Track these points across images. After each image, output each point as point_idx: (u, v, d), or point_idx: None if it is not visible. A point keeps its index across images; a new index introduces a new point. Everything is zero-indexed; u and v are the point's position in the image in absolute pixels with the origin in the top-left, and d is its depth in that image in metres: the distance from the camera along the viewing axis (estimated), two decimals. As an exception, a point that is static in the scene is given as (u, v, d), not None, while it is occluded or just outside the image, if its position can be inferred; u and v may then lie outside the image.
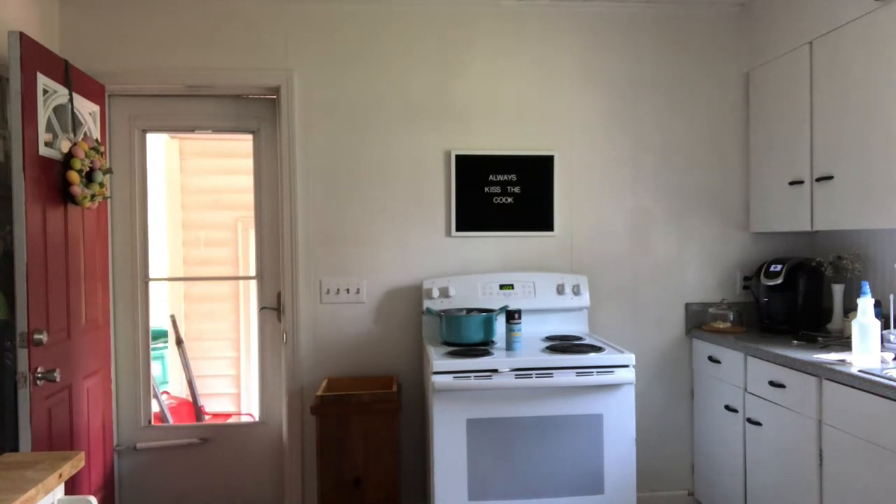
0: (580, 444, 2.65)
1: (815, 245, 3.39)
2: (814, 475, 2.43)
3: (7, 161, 2.47)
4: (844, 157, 2.68)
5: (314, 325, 3.23)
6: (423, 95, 3.26)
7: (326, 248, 3.23)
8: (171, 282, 5.06)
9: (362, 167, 3.24)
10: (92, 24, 3.11)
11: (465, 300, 3.13)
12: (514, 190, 3.29)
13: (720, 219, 3.42)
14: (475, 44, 3.28)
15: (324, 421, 2.83)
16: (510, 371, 2.60)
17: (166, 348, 5.01)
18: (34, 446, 2.35)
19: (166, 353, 5.07)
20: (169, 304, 4.89)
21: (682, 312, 3.41)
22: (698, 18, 3.39)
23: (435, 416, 2.61)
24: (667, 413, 3.40)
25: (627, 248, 3.38)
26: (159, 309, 4.49)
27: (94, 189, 2.74)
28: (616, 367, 2.64)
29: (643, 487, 3.26)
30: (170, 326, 4.50)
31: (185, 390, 4.40)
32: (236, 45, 3.18)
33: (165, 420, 3.98)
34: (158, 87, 3.20)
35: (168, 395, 4.55)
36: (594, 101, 3.34)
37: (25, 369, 2.32)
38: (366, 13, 3.23)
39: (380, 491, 2.84)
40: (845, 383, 2.26)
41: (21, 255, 2.33)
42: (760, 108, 3.29)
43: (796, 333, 2.96)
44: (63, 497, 1.53)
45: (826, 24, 2.76)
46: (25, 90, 2.37)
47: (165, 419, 3.98)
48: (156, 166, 4.69)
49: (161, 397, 4.07)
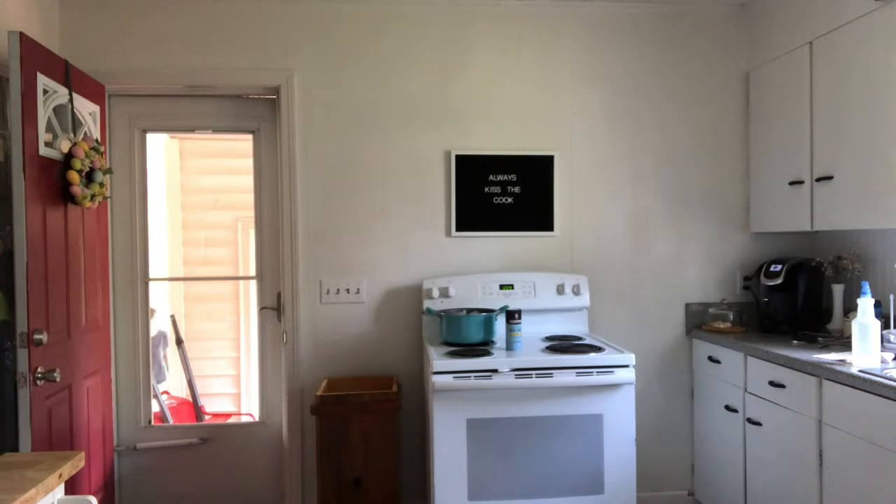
0: (580, 444, 2.65)
1: (815, 245, 3.39)
2: (814, 475, 2.43)
3: (7, 161, 2.47)
4: (844, 157, 2.68)
5: (314, 325, 3.23)
6: (423, 95, 3.26)
7: (326, 248, 3.23)
8: (171, 282, 5.06)
9: (362, 167, 3.24)
10: (92, 24, 3.11)
11: (465, 300, 3.13)
12: (514, 190, 3.29)
13: (720, 219, 3.42)
14: (475, 44, 3.28)
15: (324, 421, 2.83)
16: (510, 371, 2.60)
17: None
18: (34, 446, 2.35)
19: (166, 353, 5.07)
20: (169, 304, 4.89)
21: (682, 312, 3.41)
22: (698, 18, 3.39)
23: (435, 416, 2.61)
24: (667, 413, 3.40)
25: (627, 248, 3.38)
26: (159, 309, 4.48)
27: (94, 189, 2.74)
28: (616, 367, 2.64)
29: (643, 487, 3.26)
30: (170, 326, 4.50)
31: (186, 390, 4.40)
32: (236, 45, 3.18)
33: (165, 420, 3.98)
34: (158, 87, 3.20)
35: (168, 395, 4.55)
36: (594, 100, 3.35)
37: (25, 369, 2.32)
38: (366, 13, 3.23)
39: (380, 491, 2.84)
40: (845, 383, 2.26)
41: (21, 255, 2.33)
42: (760, 108, 3.29)
43: (796, 333, 2.96)
44: (63, 497, 1.53)
45: (826, 24, 2.76)
46: (25, 90, 2.37)
47: (165, 419, 3.99)
48: (156, 166, 4.69)
49: (161, 397, 4.07)
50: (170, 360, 4.90)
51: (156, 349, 4.33)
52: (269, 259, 3.33)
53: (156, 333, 4.17)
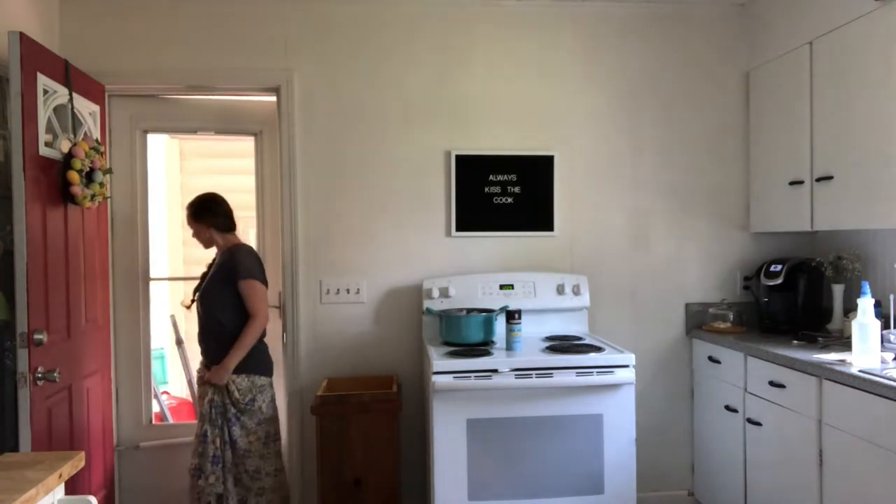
0: (580, 444, 2.65)
1: (815, 245, 3.39)
2: (814, 475, 2.43)
3: (7, 161, 2.47)
4: (844, 157, 2.67)
5: (314, 325, 3.23)
6: (423, 95, 3.26)
7: (327, 248, 3.23)
8: (171, 282, 5.05)
9: (362, 167, 3.24)
10: (92, 24, 3.11)
11: (465, 300, 3.13)
12: (514, 190, 3.29)
13: (720, 219, 3.42)
14: (475, 44, 3.28)
15: (324, 421, 2.83)
16: (510, 371, 2.60)
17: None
18: (34, 446, 2.35)
19: (166, 353, 5.07)
20: (169, 304, 4.88)
21: (682, 312, 3.41)
22: (698, 18, 3.39)
23: (435, 416, 2.61)
24: (667, 413, 3.40)
25: (627, 248, 3.37)
26: (159, 309, 4.48)
27: (94, 189, 2.74)
28: (616, 367, 2.64)
29: (643, 487, 3.25)
30: (170, 326, 4.50)
31: (186, 390, 4.40)
32: (236, 46, 3.18)
33: (166, 420, 3.98)
34: (158, 87, 3.20)
35: (168, 395, 4.55)
36: (594, 100, 3.34)
37: (25, 369, 2.32)
38: (365, 13, 3.23)
39: (380, 491, 2.84)
40: (845, 383, 2.26)
41: (21, 255, 2.33)
42: (760, 108, 3.29)
43: (796, 333, 2.96)
44: (63, 497, 1.53)
45: (826, 24, 2.76)
46: (25, 90, 2.37)
47: (166, 419, 3.98)
48: (156, 166, 4.69)
49: (161, 397, 4.07)
50: (170, 360, 4.91)
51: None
52: (270, 259, 3.33)
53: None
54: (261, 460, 2.79)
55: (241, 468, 2.76)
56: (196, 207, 2.89)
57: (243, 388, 2.76)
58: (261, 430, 2.79)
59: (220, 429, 2.74)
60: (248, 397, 2.77)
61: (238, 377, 2.75)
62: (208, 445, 2.73)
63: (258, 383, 2.80)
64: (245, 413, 2.76)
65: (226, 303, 2.78)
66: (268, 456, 2.81)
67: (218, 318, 2.77)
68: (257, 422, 2.78)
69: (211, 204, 2.89)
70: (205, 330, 2.84)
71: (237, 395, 2.75)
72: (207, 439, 2.73)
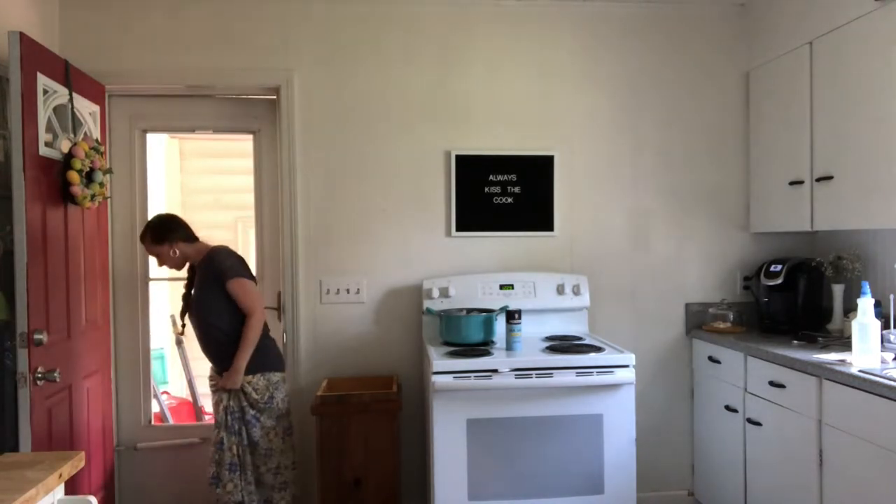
0: (580, 444, 2.65)
1: (815, 245, 3.39)
2: (814, 475, 2.43)
3: (7, 161, 2.47)
4: (844, 157, 2.68)
5: (314, 325, 3.23)
6: (423, 95, 3.26)
7: (326, 248, 3.23)
8: (171, 282, 5.04)
9: (362, 167, 3.24)
10: (92, 25, 3.11)
11: (465, 300, 3.13)
12: (514, 190, 3.29)
13: (720, 219, 3.42)
14: (475, 44, 3.28)
15: (324, 421, 2.83)
16: (510, 371, 2.60)
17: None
18: (34, 446, 2.35)
19: (166, 353, 5.07)
20: (169, 304, 4.88)
21: (682, 312, 3.41)
22: (698, 18, 3.39)
23: (435, 416, 2.61)
24: (667, 413, 3.40)
25: (627, 248, 3.38)
26: (159, 309, 4.48)
27: (94, 189, 2.74)
28: (616, 367, 2.64)
29: (643, 487, 3.25)
30: (170, 326, 4.50)
31: (186, 390, 4.40)
32: (236, 46, 3.18)
33: (165, 420, 3.98)
34: (159, 87, 3.20)
35: (168, 395, 4.55)
36: (594, 100, 3.34)
37: (25, 369, 2.32)
38: (366, 13, 3.23)
39: (380, 491, 2.84)
40: (845, 383, 2.26)
41: (21, 255, 2.33)
42: (760, 108, 3.29)
43: (796, 333, 2.96)
44: (63, 497, 1.53)
45: (826, 24, 2.76)
46: (25, 90, 2.37)
47: (165, 419, 3.98)
48: (156, 166, 4.69)
49: (161, 397, 4.07)
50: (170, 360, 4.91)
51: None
52: (270, 259, 3.33)
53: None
54: (281, 455, 2.79)
55: (262, 469, 2.75)
56: (155, 231, 2.76)
57: (260, 387, 2.74)
58: (279, 427, 2.78)
59: (237, 435, 2.72)
60: (266, 395, 2.75)
61: (253, 377, 2.73)
62: (225, 453, 2.71)
63: (273, 380, 2.78)
64: (264, 412, 2.74)
65: (219, 307, 2.72)
66: (287, 450, 2.81)
67: (215, 324, 2.73)
68: (276, 418, 2.77)
69: (167, 222, 2.80)
70: (205, 341, 2.79)
71: (255, 395, 2.72)
72: (224, 446, 2.71)
